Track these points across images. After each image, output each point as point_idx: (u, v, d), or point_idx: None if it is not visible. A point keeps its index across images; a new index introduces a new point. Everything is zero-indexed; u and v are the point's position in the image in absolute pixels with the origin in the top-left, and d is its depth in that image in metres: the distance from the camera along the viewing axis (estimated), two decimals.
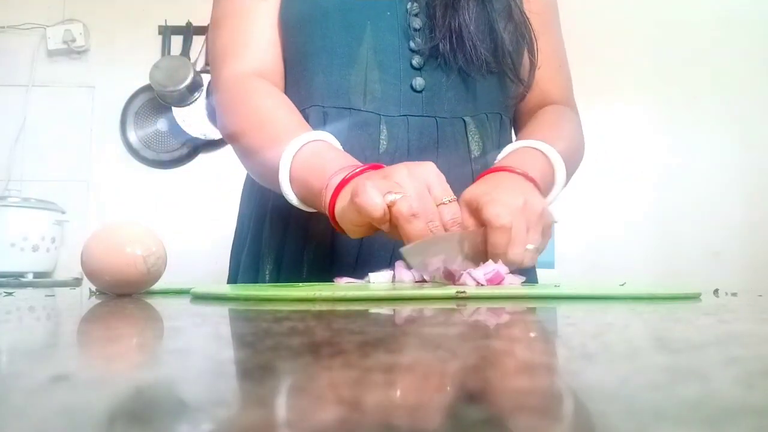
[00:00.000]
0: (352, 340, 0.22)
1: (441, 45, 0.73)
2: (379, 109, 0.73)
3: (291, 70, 0.78)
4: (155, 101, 2.13)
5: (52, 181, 2.10)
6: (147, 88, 2.13)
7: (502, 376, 0.16)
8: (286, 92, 0.77)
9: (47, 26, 2.15)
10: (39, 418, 0.11)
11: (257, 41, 0.75)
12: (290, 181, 0.64)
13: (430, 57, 0.74)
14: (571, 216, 1.98)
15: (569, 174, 0.73)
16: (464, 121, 0.75)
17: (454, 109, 0.75)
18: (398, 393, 0.14)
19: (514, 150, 0.70)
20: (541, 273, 0.86)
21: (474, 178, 0.72)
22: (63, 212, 1.96)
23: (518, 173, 0.64)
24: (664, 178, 2.11)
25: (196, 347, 0.22)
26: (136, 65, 2.11)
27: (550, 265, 1.70)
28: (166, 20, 2.13)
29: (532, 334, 0.26)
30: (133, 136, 2.15)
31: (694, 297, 0.45)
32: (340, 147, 0.66)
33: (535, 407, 0.12)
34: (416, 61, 0.74)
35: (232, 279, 0.83)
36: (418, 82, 0.73)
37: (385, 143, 0.72)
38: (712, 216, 2.07)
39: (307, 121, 0.72)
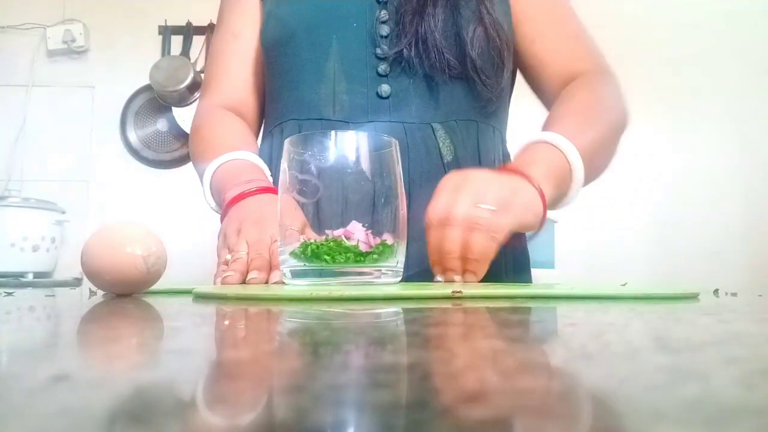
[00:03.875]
0: (352, 340, 0.22)
1: (405, 51, 0.74)
2: (348, 117, 0.75)
3: (270, 88, 0.83)
4: (155, 101, 2.13)
5: (52, 181, 2.10)
6: (147, 88, 2.13)
7: (502, 376, 0.16)
8: (267, 109, 0.85)
9: (47, 26, 2.15)
10: (39, 418, 0.11)
11: (228, 78, 0.85)
12: (212, 195, 0.72)
13: (396, 63, 0.75)
14: (571, 216, 1.98)
15: (604, 155, 0.71)
16: (432, 127, 0.75)
17: (421, 115, 0.75)
18: (398, 393, 0.14)
19: (525, 146, 0.66)
20: (541, 273, 0.87)
21: None
22: (63, 212, 1.96)
23: (516, 173, 0.61)
24: (664, 179, 2.11)
25: (196, 347, 0.22)
26: (136, 65, 2.11)
27: (550, 265, 1.70)
28: (166, 20, 2.13)
29: (531, 334, 0.26)
30: (133, 136, 2.16)
31: (692, 297, 0.45)
32: (262, 166, 0.72)
33: (535, 407, 0.12)
34: (382, 68, 0.75)
35: None
36: (384, 88, 0.75)
37: None
38: (712, 216, 2.07)
39: (282, 133, 0.78)
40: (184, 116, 2.09)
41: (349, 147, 0.54)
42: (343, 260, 0.51)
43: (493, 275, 0.74)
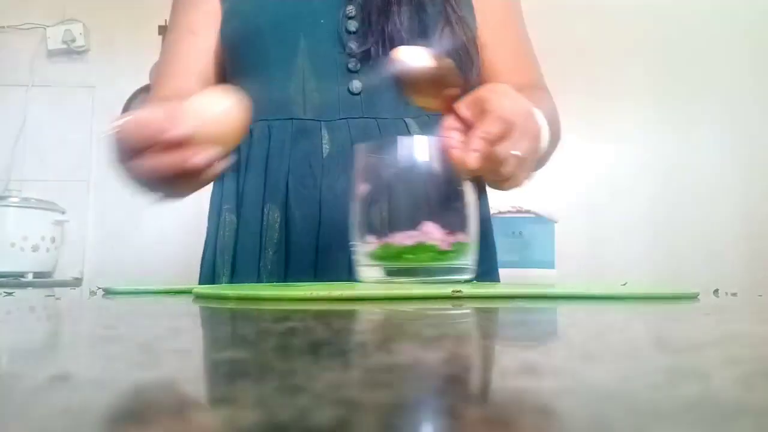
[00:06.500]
0: (352, 340, 0.22)
1: (373, 49, 0.74)
2: (320, 115, 0.74)
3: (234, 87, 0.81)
4: None
5: (52, 181, 2.10)
6: (147, 88, 2.13)
7: (502, 376, 0.16)
8: None
9: (47, 26, 2.15)
10: (39, 418, 0.11)
11: (181, 71, 0.79)
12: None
13: (365, 59, 0.75)
14: (571, 216, 1.98)
15: (549, 152, 0.69)
16: (405, 122, 0.75)
17: (394, 110, 0.75)
18: (398, 393, 0.14)
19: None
20: (541, 273, 0.86)
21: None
22: (63, 212, 1.96)
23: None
24: (664, 178, 2.11)
25: (196, 347, 0.22)
26: (136, 65, 2.11)
27: (550, 265, 1.69)
28: (166, 20, 2.13)
29: (531, 334, 0.26)
30: None
31: (691, 297, 0.45)
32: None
33: (535, 407, 0.12)
34: (352, 64, 0.75)
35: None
36: (355, 84, 0.75)
37: (327, 147, 0.74)
38: (712, 216, 2.07)
39: (251, 136, 0.76)
40: None
41: (421, 151, 0.56)
42: (424, 259, 0.53)
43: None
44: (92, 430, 0.11)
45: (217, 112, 0.50)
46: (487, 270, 0.80)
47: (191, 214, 2.16)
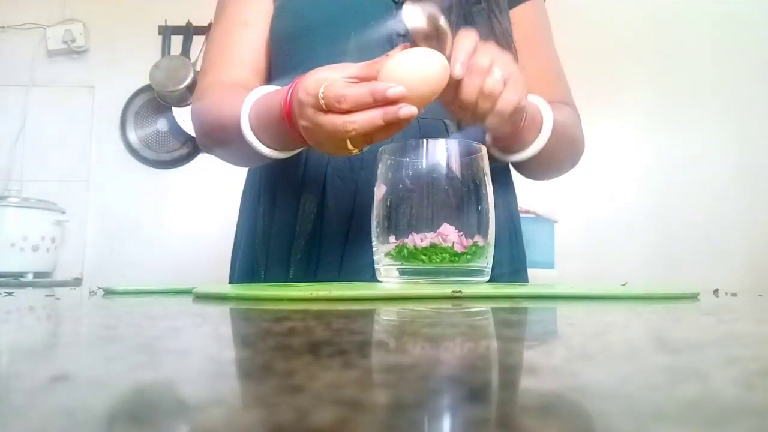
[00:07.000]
0: (352, 340, 0.22)
1: None
2: None
3: (279, 83, 0.81)
4: (155, 101, 2.13)
5: (52, 181, 2.10)
6: (147, 88, 2.13)
7: (502, 376, 0.16)
8: None
9: (47, 26, 2.15)
10: (39, 418, 0.11)
11: (236, 60, 0.81)
12: (254, 128, 0.68)
13: None
14: (571, 216, 1.98)
15: (561, 147, 0.73)
16: (445, 123, 0.77)
17: (435, 111, 0.76)
18: (398, 393, 0.14)
19: None
20: (541, 273, 0.86)
21: None
22: (63, 212, 1.96)
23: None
24: (665, 178, 2.11)
25: (196, 347, 0.22)
26: (136, 65, 2.11)
27: (550, 265, 1.69)
28: (166, 20, 2.13)
29: (531, 334, 0.26)
30: (133, 136, 2.15)
31: (692, 297, 0.45)
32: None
33: (535, 407, 0.12)
34: None
35: (232, 280, 0.85)
36: None
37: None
38: (712, 216, 2.07)
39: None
40: (184, 116, 2.09)
41: (440, 153, 0.57)
42: (439, 260, 0.53)
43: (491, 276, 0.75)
44: (92, 430, 0.11)
45: (426, 72, 0.55)
46: (516, 269, 0.81)
47: (191, 216, 2.16)
